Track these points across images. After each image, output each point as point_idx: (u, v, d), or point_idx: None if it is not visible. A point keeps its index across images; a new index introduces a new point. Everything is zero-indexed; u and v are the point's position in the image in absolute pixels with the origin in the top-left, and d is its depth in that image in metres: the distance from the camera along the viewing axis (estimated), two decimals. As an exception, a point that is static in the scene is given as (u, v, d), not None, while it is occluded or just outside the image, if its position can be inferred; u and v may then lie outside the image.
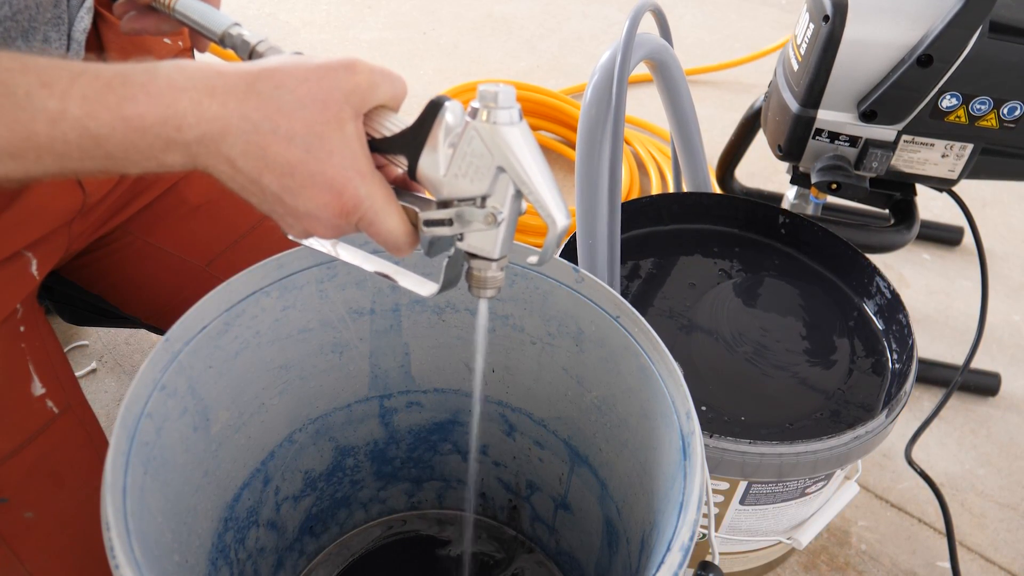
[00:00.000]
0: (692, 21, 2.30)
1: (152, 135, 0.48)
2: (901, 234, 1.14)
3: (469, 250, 0.56)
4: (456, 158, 0.53)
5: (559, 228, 0.54)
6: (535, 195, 0.53)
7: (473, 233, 0.55)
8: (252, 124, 0.49)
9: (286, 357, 0.78)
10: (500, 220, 0.54)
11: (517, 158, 0.52)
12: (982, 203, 1.75)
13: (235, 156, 0.50)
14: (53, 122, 0.47)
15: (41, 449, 0.73)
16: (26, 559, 0.72)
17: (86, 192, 0.79)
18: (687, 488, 0.61)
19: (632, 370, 0.72)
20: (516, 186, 0.53)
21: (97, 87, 0.47)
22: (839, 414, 0.91)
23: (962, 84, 0.99)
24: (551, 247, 0.55)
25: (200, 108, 0.48)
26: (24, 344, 0.75)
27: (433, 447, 0.95)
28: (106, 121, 0.47)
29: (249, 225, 0.92)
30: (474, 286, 0.58)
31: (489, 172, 0.52)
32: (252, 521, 0.82)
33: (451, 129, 0.53)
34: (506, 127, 0.51)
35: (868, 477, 1.22)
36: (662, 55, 1.04)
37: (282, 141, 0.50)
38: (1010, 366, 1.40)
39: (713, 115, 1.86)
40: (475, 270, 0.57)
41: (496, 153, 0.52)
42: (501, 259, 0.56)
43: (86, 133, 0.47)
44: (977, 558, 1.14)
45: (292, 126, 0.50)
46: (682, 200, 1.12)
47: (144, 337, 1.35)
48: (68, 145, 0.48)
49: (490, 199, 0.53)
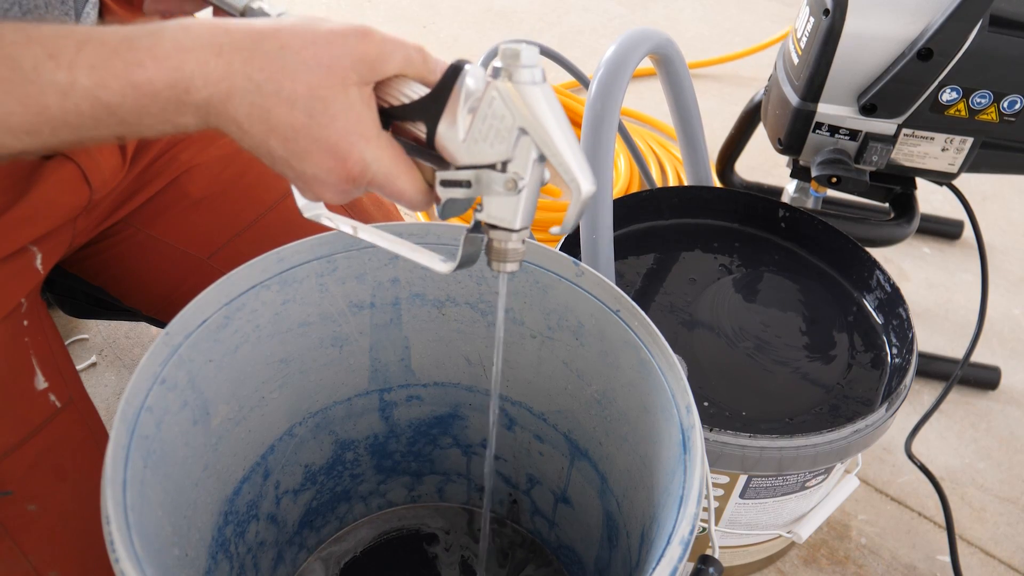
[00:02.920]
0: (692, 15, 2.30)
1: (163, 99, 0.48)
2: (901, 228, 1.14)
3: (489, 220, 0.53)
4: (476, 121, 0.51)
5: (584, 194, 0.51)
6: (558, 158, 0.50)
7: (493, 202, 0.53)
8: (255, 85, 0.49)
9: (286, 351, 0.78)
10: (521, 186, 0.51)
11: (539, 119, 0.49)
12: (982, 197, 1.75)
13: (241, 118, 0.50)
14: (64, 95, 0.47)
15: (44, 442, 0.74)
16: (29, 551, 0.72)
17: (92, 188, 0.79)
18: (687, 482, 0.61)
19: (632, 364, 0.72)
20: (539, 149, 0.50)
21: (104, 54, 0.47)
22: (838, 408, 0.91)
23: (962, 78, 0.99)
24: (575, 214, 0.52)
25: (207, 69, 0.48)
26: (28, 338, 0.75)
27: (433, 441, 0.95)
28: (116, 89, 0.47)
29: (251, 218, 0.92)
30: (494, 259, 0.55)
31: (510, 134, 0.50)
32: (252, 515, 0.82)
33: (471, 93, 0.51)
34: (528, 86, 0.49)
35: (868, 471, 1.22)
36: (667, 50, 1.04)
37: (284, 104, 0.49)
38: (1010, 360, 1.40)
39: (713, 108, 1.86)
40: (495, 242, 0.55)
41: (517, 114, 0.50)
42: (522, 230, 0.54)
43: (98, 103, 0.47)
44: (977, 552, 1.14)
45: (295, 88, 0.49)
46: (682, 193, 1.12)
47: (144, 331, 1.35)
48: (82, 116, 0.47)
49: (511, 164, 0.51)
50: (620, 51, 0.92)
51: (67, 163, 0.76)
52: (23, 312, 0.76)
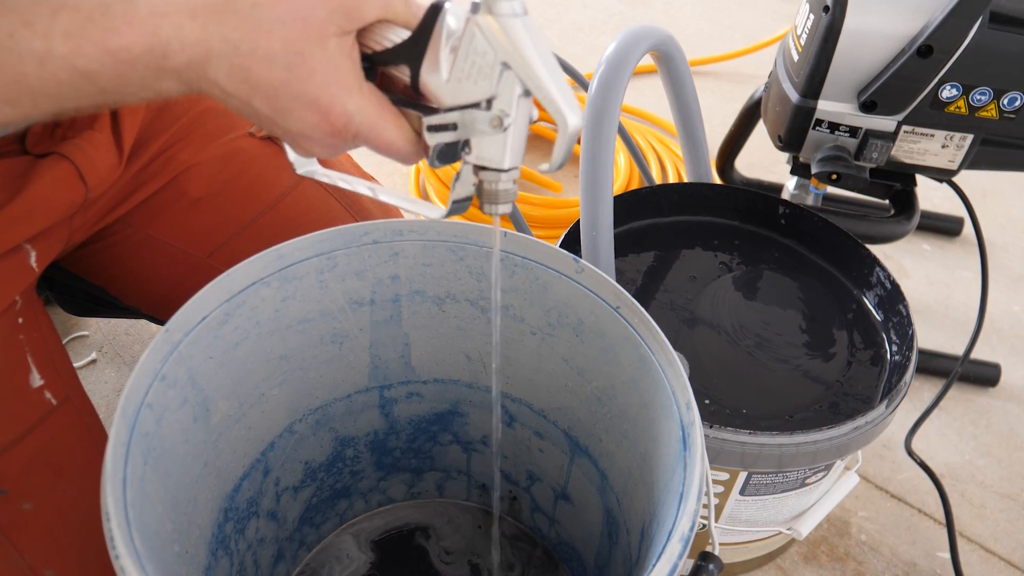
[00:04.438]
0: (692, 11, 2.30)
1: (141, 65, 0.48)
2: (901, 224, 1.14)
3: (478, 163, 0.53)
4: (458, 60, 0.50)
5: (571, 127, 0.50)
6: (543, 91, 0.49)
7: (481, 143, 0.52)
8: (232, 45, 0.48)
9: (286, 347, 0.78)
10: (507, 124, 0.51)
11: (521, 52, 0.49)
12: (982, 193, 1.75)
13: (222, 80, 0.49)
14: (41, 63, 0.46)
15: (40, 440, 0.73)
16: (24, 550, 0.72)
17: (88, 186, 0.78)
18: (687, 479, 0.61)
19: (632, 361, 0.72)
20: (523, 83, 0.49)
21: (78, 21, 0.46)
22: (838, 405, 0.91)
23: (962, 74, 0.99)
24: (562, 150, 0.52)
25: (182, 33, 0.48)
26: (23, 336, 0.75)
27: (433, 438, 0.95)
28: (93, 57, 0.47)
29: (250, 217, 0.91)
30: (485, 201, 0.55)
31: (493, 70, 0.49)
32: (252, 512, 0.82)
33: (453, 32, 0.51)
34: (509, 18, 0.49)
35: (868, 468, 1.22)
36: (668, 46, 1.04)
37: (262, 62, 0.49)
38: (1010, 356, 1.40)
39: (713, 105, 1.86)
40: (485, 183, 0.54)
41: (499, 48, 0.49)
42: (511, 170, 0.53)
43: (75, 71, 0.47)
44: (977, 549, 1.14)
45: (271, 45, 0.49)
46: (682, 190, 1.12)
47: (144, 328, 1.35)
48: (60, 85, 0.47)
49: (496, 100, 0.50)
50: (621, 48, 0.92)
51: (62, 161, 0.76)
52: (18, 309, 0.76)
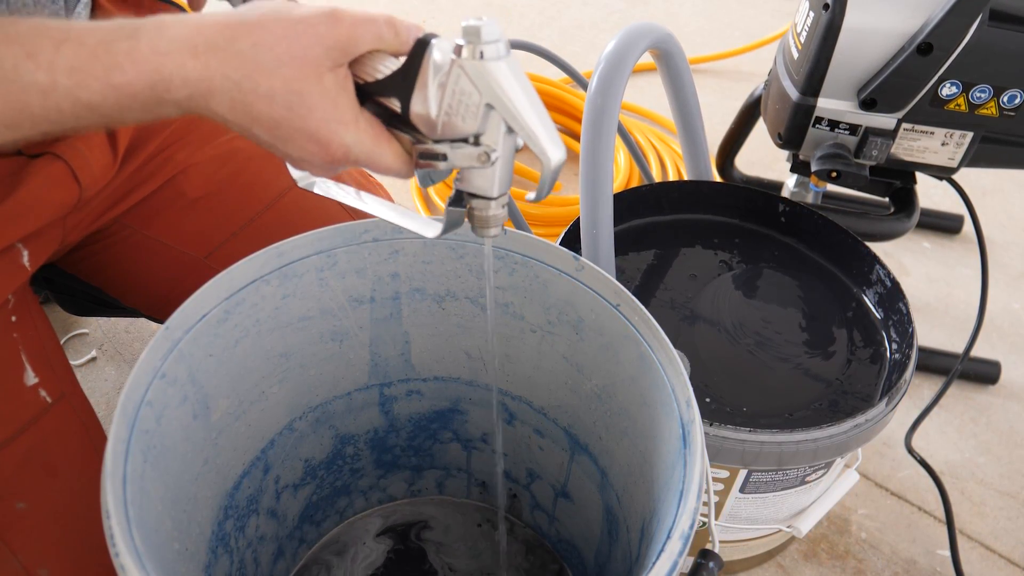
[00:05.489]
0: (692, 9, 2.29)
1: (143, 98, 0.49)
2: (901, 222, 1.14)
3: (468, 190, 0.55)
4: (446, 97, 0.52)
5: (553, 164, 0.53)
6: (526, 131, 0.51)
7: (470, 173, 0.54)
8: (234, 83, 0.50)
9: (286, 345, 0.78)
10: (494, 159, 0.53)
11: (505, 93, 0.50)
12: (982, 191, 1.74)
13: (224, 112, 0.51)
14: (44, 94, 0.48)
15: (34, 439, 0.73)
16: (18, 550, 0.71)
17: (82, 186, 0.78)
18: (687, 476, 0.61)
19: (632, 358, 0.72)
20: (507, 123, 0.51)
21: (83, 56, 0.48)
22: (838, 403, 0.91)
23: (962, 72, 0.98)
24: (546, 183, 0.54)
25: (185, 71, 0.49)
26: (16, 334, 0.75)
27: (433, 435, 0.95)
28: (96, 90, 0.48)
29: (248, 217, 0.91)
30: (477, 226, 0.57)
31: (479, 110, 0.51)
32: (252, 509, 0.82)
33: (439, 67, 0.52)
34: (492, 62, 0.50)
35: (868, 465, 1.22)
36: (667, 44, 1.04)
37: (263, 99, 0.51)
38: (1010, 354, 1.40)
39: (713, 103, 1.86)
40: (476, 210, 0.57)
41: (484, 90, 0.51)
42: (500, 196, 0.55)
43: (79, 102, 0.48)
44: (977, 546, 1.14)
45: (272, 84, 0.50)
46: (682, 188, 1.12)
47: (144, 325, 1.35)
48: (63, 114, 0.49)
49: (483, 137, 0.52)
50: (620, 46, 0.92)
51: (56, 161, 0.76)
52: (10, 308, 0.75)
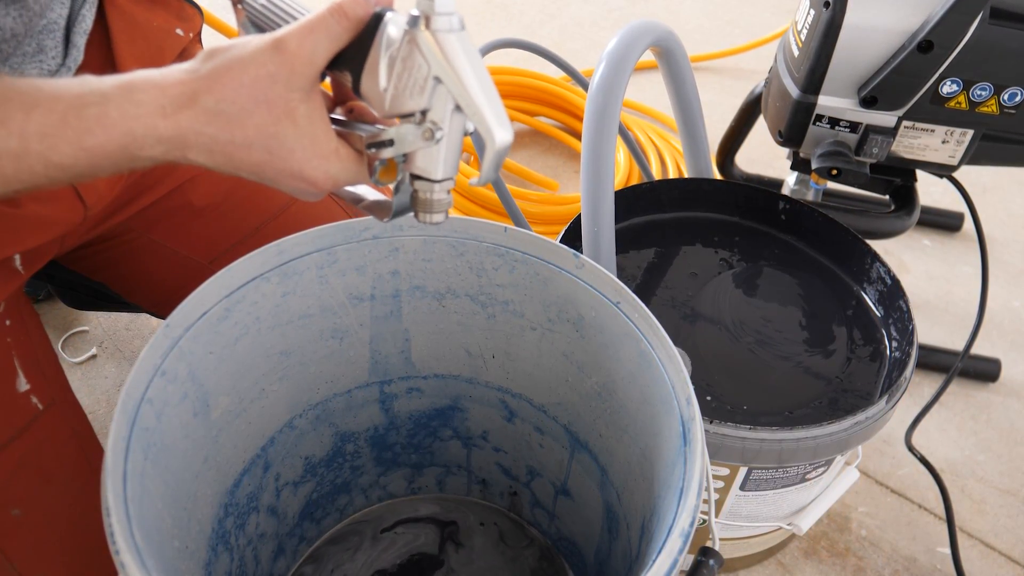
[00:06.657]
0: (692, 7, 2.29)
1: (115, 158, 0.50)
2: (901, 220, 1.14)
3: (413, 171, 0.54)
4: (396, 70, 0.51)
5: (497, 144, 0.51)
6: (472, 107, 0.50)
7: (416, 154, 0.53)
8: (209, 137, 0.50)
9: (286, 343, 0.78)
10: (439, 136, 0.52)
11: (454, 67, 0.50)
12: (982, 189, 1.74)
13: (204, 161, 0.52)
14: (17, 158, 0.48)
15: (26, 446, 0.73)
16: (13, 556, 0.71)
17: (87, 205, 0.78)
18: (687, 474, 0.61)
19: (632, 356, 0.72)
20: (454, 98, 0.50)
21: (53, 122, 0.48)
22: (838, 401, 0.91)
23: (962, 70, 0.98)
24: (490, 165, 0.53)
25: (156, 131, 0.50)
26: (9, 339, 0.75)
27: (433, 433, 0.95)
28: (68, 153, 0.49)
29: (253, 227, 0.91)
30: (420, 210, 0.56)
31: (427, 83, 0.50)
32: (252, 507, 0.82)
33: (392, 42, 0.51)
34: (443, 34, 0.50)
35: (868, 463, 1.22)
36: (668, 42, 1.04)
37: (242, 149, 0.51)
38: (1010, 352, 1.40)
39: (713, 101, 1.86)
40: (419, 192, 0.55)
41: (433, 62, 0.50)
42: (445, 180, 0.54)
43: (51, 164, 0.49)
44: (977, 544, 1.15)
45: (247, 134, 0.51)
46: (682, 186, 1.12)
47: (144, 323, 1.35)
48: (35, 175, 0.49)
49: (430, 113, 0.51)
50: (622, 44, 0.92)
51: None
52: (3, 313, 0.75)
